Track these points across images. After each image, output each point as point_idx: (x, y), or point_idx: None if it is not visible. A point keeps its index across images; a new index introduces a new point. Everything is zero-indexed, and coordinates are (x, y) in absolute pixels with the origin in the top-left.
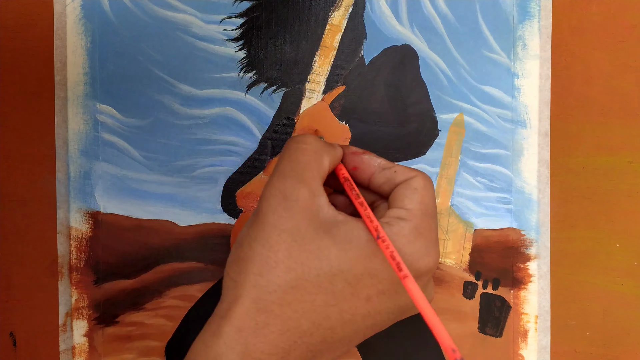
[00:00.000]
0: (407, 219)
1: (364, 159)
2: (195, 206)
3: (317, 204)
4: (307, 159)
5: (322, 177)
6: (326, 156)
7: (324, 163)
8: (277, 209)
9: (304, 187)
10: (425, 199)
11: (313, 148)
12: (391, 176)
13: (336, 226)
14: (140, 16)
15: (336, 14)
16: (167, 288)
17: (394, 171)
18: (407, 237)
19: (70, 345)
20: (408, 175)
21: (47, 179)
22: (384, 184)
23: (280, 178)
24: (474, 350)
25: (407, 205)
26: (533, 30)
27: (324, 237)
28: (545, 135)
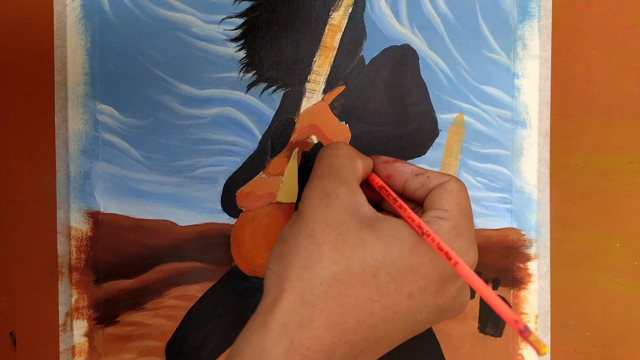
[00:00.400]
0: (446, 219)
1: (397, 166)
2: (195, 206)
3: (357, 201)
4: (342, 162)
5: (358, 179)
6: (359, 160)
7: (358, 166)
8: (320, 205)
9: (343, 185)
10: (461, 201)
11: (346, 153)
12: (425, 181)
13: (378, 221)
14: (140, 16)
15: (336, 14)
16: (167, 288)
17: (427, 176)
18: (448, 235)
19: (70, 345)
20: (442, 179)
21: (47, 179)
22: (417, 189)
23: (319, 179)
24: (473, 350)
25: (444, 207)
26: (533, 30)
27: (367, 232)
28: (545, 135)
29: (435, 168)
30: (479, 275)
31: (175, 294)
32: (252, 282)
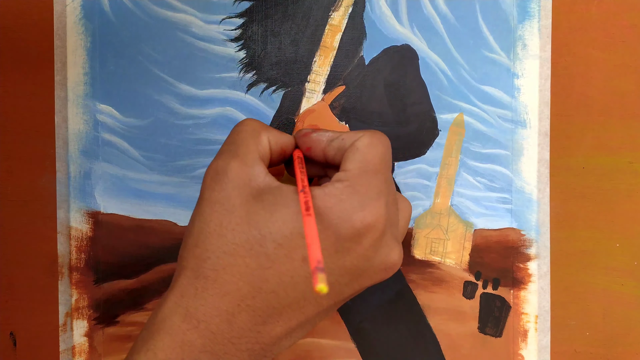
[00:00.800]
0: (342, 180)
1: (313, 137)
2: None
3: (249, 173)
4: (243, 136)
5: (260, 152)
6: (264, 133)
7: (262, 140)
8: (210, 184)
9: (235, 160)
10: (367, 156)
11: (250, 128)
12: (340, 144)
13: (267, 192)
14: (140, 16)
15: (336, 14)
16: (167, 288)
17: (342, 139)
18: (339, 196)
19: (70, 345)
20: (354, 137)
21: (47, 178)
22: (335, 155)
23: (215, 158)
24: (473, 350)
25: (347, 167)
26: (533, 30)
27: (253, 203)
28: (545, 135)
29: (435, 168)
30: (479, 275)
31: None
32: None
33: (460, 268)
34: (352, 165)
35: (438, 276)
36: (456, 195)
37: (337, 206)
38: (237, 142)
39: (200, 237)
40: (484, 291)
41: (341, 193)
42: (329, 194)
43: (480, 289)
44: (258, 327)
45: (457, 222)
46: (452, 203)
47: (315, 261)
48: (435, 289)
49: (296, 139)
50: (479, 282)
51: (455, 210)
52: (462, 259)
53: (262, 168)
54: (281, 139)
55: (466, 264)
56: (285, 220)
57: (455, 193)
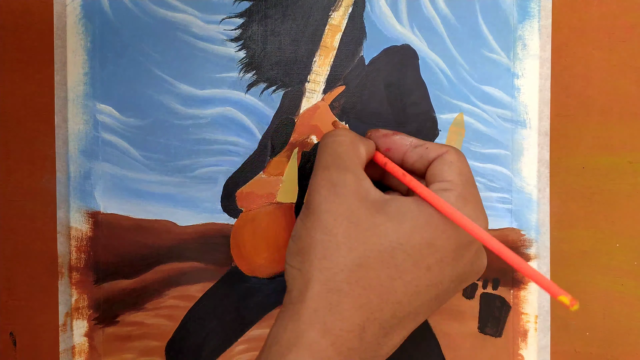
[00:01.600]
0: (450, 189)
1: (396, 139)
2: (195, 206)
3: (364, 187)
4: (345, 149)
5: (362, 165)
6: (362, 145)
7: (361, 151)
8: (328, 196)
9: (349, 173)
10: (462, 170)
11: (348, 139)
12: (424, 153)
13: (387, 204)
14: (140, 16)
15: (336, 14)
16: (167, 288)
17: (426, 148)
18: (456, 205)
19: (70, 345)
20: (440, 150)
21: (47, 179)
22: (416, 161)
23: (324, 170)
24: (473, 350)
25: (447, 178)
26: (533, 30)
27: (377, 215)
28: (545, 135)
29: None
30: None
31: (175, 294)
32: (252, 282)
33: None
34: (452, 177)
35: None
36: None
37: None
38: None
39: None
40: (483, 291)
41: (456, 202)
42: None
43: (480, 288)
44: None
45: None
46: None
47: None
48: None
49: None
50: (479, 282)
51: None
52: None
53: (371, 182)
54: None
55: None
56: (415, 230)
57: None
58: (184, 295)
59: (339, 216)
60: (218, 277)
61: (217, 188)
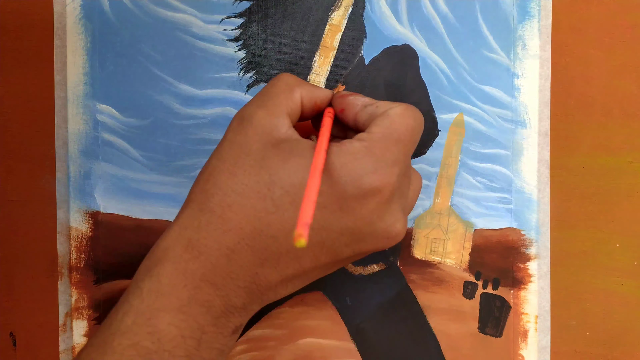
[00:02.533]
0: (363, 140)
1: (349, 100)
2: None
3: (273, 123)
4: (276, 90)
5: (289, 107)
6: (297, 88)
7: (294, 95)
8: (235, 127)
9: (263, 109)
10: (393, 124)
11: (284, 81)
12: (373, 111)
13: (286, 142)
14: (140, 16)
15: (336, 14)
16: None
17: (376, 106)
18: (354, 154)
19: (70, 345)
20: (389, 106)
21: (47, 179)
22: (366, 120)
23: (246, 106)
24: (474, 350)
25: (372, 130)
26: (533, 30)
27: (270, 149)
28: (545, 135)
29: (435, 168)
30: (479, 275)
31: None
32: None
33: (460, 268)
34: (377, 129)
35: (438, 276)
36: (456, 195)
37: (350, 164)
38: (268, 94)
39: (213, 174)
40: (484, 291)
41: (357, 152)
42: (345, 151)
43: (480, 289)
44: (255, 269)
45: (457, 222)
46: (452, 203)
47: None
48: (435, 289)
49: (332, 99)
50: (479, 282)
51: (455, 210)
52: (462, 259)
53: (287, 121)
54: (315, 93)
55: (466, 264)
56: (297, 170)
57: (455, 193)
58: None
59: (234, 144)
60: None
61: None
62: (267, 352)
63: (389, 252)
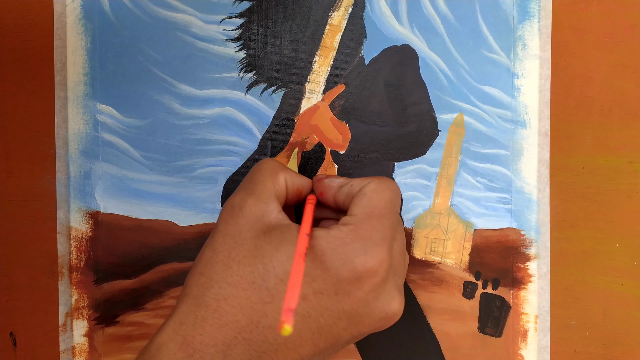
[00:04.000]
0: (348, 224)
1: (325, 183)
2: (195, 206)
3: (262, 209)
4: (261, 175)
5: (276, 190)
6: (281, 173)
7: (279, 178)
8: (226, 217)
9: (251, 197)
10: (372, 202)
11: (269, 167)
12: (349, 190)
13: (277, 228)
14: (140, 16)
15: (336, 14)
16: (167, 288)
17: (351, 185)
18: (343, 240)
19: (70, 345)
20: (362, 183)
21: (47, 179)
22: (345, 200)
23: (234, 193)
24: (473, 350)
25: (354, 212)
26: (533, 30)
27: (262, 238)
28: (545, 135)
29: (435, 168)
30: (479, 275)
31: (175, 294)
32: None
33: (460, 268)
34: (358, 210)
35: (438, 276)
36: (456, 195)
37: (340, 248)
38: (254, 181)
39: (207, 266)
40: (483, 291)
41: (345, 236)
42: (334, 236)
43: (480, 289)
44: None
45: (457, 222)
46: (452, 203)
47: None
48: (435, 289)
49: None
50: (479, 282)
51: (455, 210)
52: (462, 259)
53: (276, 205)
54: (298, 180)
55: (466, 264)
56: (289, 257)
57: (455, 193)
58: None
59: (227, 236)
60: None
61: (217, 188)
62: None
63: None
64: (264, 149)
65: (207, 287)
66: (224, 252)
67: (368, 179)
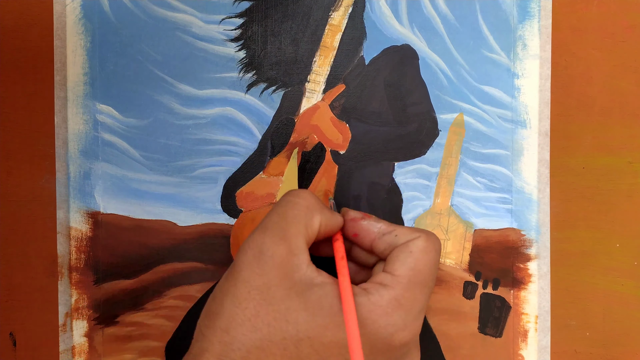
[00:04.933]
0: (389, 287)
1: (363, 225)
2: (195, 206)
3: (294, 262)
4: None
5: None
6: (318, 215)
7: (314, 222)
8: (252, 263)
9: (283, 244)
10: (419, 264)
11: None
12: (392, 241)
13: (310, 289)
14: (140, 16)
15: (336, 14)
16: (167, 288)
17: (395, 235)
18: (384, 308)
19: (70, 345)
20: (410, 237)
21: (47, 179)
22: (385, 249)
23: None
24: (473, 350)
25: (396, 271)
26: (533, 30)
27: (294, 299)
28: (545, 135)
29: (435, 168)
30: (479, 276)
31: (175, 294)
32: None
33: (460, 268)
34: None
35: (438, 276)
36: (456, 195)
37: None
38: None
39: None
40: (484, 291)
41: (387, 305)
42: (375, 303)
43: (480, 289)
44: None
45: (457, 222)
46: (452, 203)
47: None
48: (435, 289)
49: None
50: (479, 282)
51: (455, 211)
52: (462, 259)
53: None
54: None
55: (466, 264)
56: (327, 328)
57: (456, 193)
58: (184, 295)
59: (253, 289)
60: (218, 277)
61: (217, 188)
62: None
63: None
64: (264, 149)
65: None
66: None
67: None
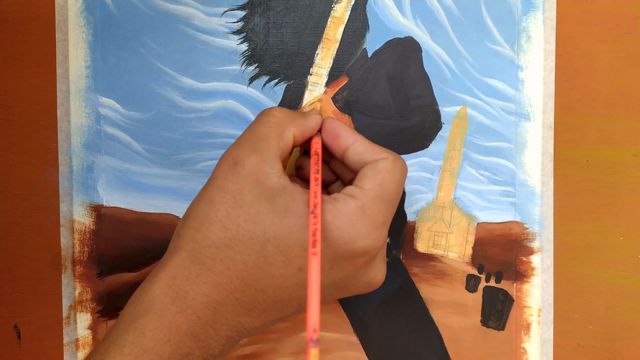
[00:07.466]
0: (356, 197)
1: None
2: None
3: (265, 171)
4: (267, 130)
5: (281, 148)
6: (290, 127)
7: (286, 135)
8: (226, 172)
9: (255, 155)
10: (385, 182)
11: (276, 120)
12: (362, 153)
13: (280, 195)
14: (141, 9)
15: (339, 6)
16: None
17: (366, 149)
18: (349, 216)
19: (74, 337)
20: (378, 156)
21: (50, 172)
22: (354, 160)
23: (235, 145)
24: (476, 343)
25: (364, 185)
26: (537, 22)
27: (264, 203)
28: (549, 128)
29: (438, 161)
30: (482, 269)
31: None
32: None
33: (463, 261)
34: (369, 185)
35: (441, 269)
36: (459, 188)
37: (345, 227)
38: (259, 135)
39: (205, 224)
40: (486, 284)
41: (352, 213)
42: (341, 210)
43: (483, 282)
44: (239, 318)
45: (460, 216)
46: (455, 196)
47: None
48: (438, 282)
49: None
50: (482, 275)
51: (458, 204)
52: (465, 252)
53: (279, 167)
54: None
55: (469, 257)
56: (292, 230)
57: (459, 186)
58: None
59: (226, 194)
60: None
61: None
62: (270, 344)
63: (391, 246)
64: None
65: (203, 246)
66: (223, 212)
67: (385, 152)
